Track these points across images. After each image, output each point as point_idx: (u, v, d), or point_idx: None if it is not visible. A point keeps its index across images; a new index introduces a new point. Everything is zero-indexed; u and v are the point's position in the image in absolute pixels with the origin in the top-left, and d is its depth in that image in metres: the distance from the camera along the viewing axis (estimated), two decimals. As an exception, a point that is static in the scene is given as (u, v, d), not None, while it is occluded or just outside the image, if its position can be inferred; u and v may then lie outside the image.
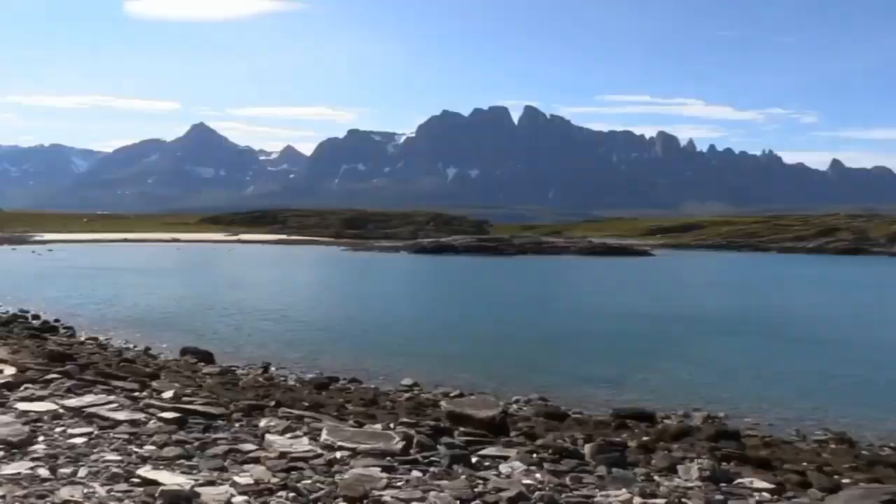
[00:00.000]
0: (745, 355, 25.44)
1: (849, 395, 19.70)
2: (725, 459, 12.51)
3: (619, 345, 27.09)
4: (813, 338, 30.01)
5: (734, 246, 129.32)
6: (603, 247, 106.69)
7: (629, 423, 15.63)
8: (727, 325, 33.60)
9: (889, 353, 26.42)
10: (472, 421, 11.80)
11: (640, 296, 47.54)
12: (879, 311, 40.61)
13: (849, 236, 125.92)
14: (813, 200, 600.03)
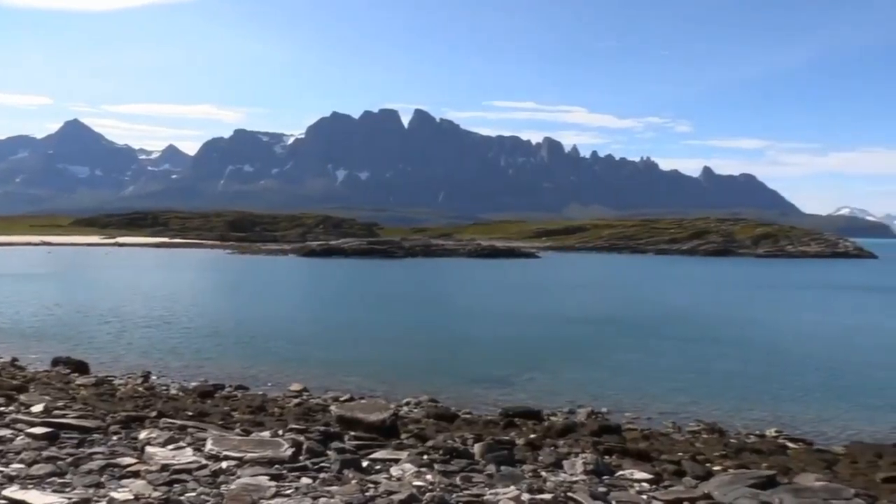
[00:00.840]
0: (627, 353, 26.55)
1: (719, 388, 20.95)
2: (608, 453, 13.02)
3: (507, 345, 27.67)
4: (689, 335, 31.73)
5: (615, 248, 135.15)
6: (491, 249, 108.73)
7: (517, 421, 15.99)
8: (611, 325, 34.98)
9: (755, 350, 28.28)
10: (363, 425, 11.73)
11: (527, 297, 48.73)
12: (748, 310, 43.38)
13: (718, 239, 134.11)
14: (686, 205, 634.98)
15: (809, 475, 12.10)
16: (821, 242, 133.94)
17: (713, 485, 10.66)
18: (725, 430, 16.38)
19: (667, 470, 12.10)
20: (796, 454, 14.60)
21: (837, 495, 10.05)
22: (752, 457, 14.00)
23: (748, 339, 30.98)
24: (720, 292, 56.03)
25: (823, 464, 13.75)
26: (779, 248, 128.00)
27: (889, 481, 12.65)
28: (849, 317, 41.19)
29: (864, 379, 22.62)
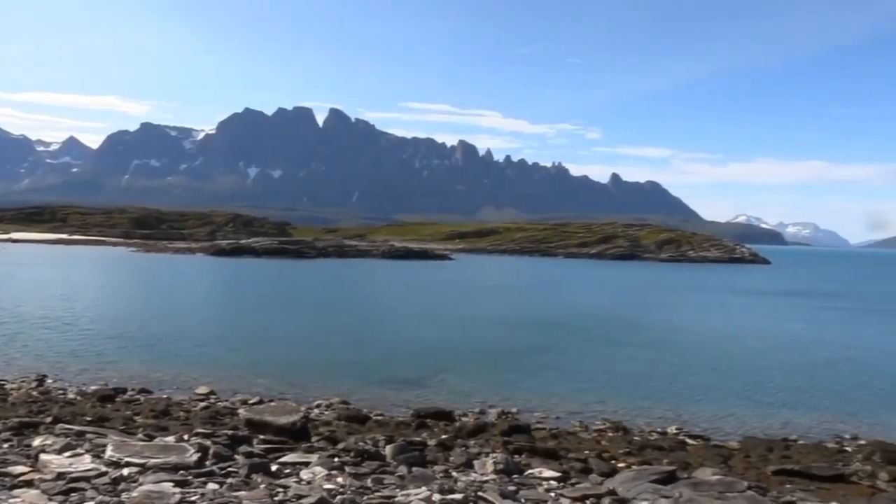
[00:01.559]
0: (538, 354, 27.09)
1: (625, 388, 21.66)
2: (518, 452, 13.25)
3: (420, 347, 27.74)
4: (597, 336, 32.67)
5: (527, 251, 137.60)
6: (405, 251, 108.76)
7: (429, 422, 16.06)
8: (523, 327, 35.61)
9: (660, 351, 29.38)
10: (272, 428, 11.54)
11: (440, 299, 49.01)
12: (654, 313, 45.01)
13: (625, 243, 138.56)
14: (595, 210, 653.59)
15: (707, 469, 12.68)
16: (720, 248, 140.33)
17: (618, 481, 11.02)
18: (630, 428, 16.96)
19: (574, 468, 12.42)
20: (695, 450, 15.26)
21: (732, 488, 10.57)
22: (655, 453, 14.54)
23: (653, 340, 32.15)
24: (628, 295, 57.91)
25: (720, 458, 14.43)
26: (681, 254, 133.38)
27: (778, 473, 13.40)
28: (745, 320, 43.32)
29: (757, 378, 23.85)
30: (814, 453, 15.34)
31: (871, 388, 23.36)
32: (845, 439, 16.90)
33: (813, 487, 12.65)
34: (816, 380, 24.16)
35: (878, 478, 13.39)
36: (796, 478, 13.20)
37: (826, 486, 12.84)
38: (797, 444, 16.21)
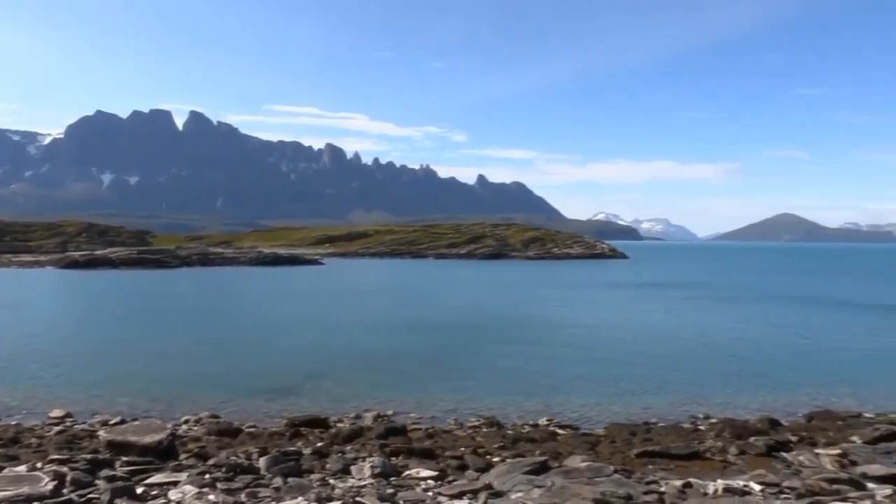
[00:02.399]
0: (412, 355, 27.24)
1: (497, 383, 22.18)
2: (394, 454, 13.28)
3: (292, 354, 27.19)
4: (470, 334, 33.20)
5: (397, 253, 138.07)
6: (274, 256, 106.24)
7: (303, 430, 15.79)
8: (396, 329, 35.67)
9: (530, 345, 30.31)
10: (136, 448, 10.96)
11: (311, 304, 48.25)
12: (525, 309, 46.33)
13: (493, 243, 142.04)
14: (463, 211, 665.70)
15: (576, 457, 13.24)
16: (581, 245, 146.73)
17: (493, 475, 11.28)
18: (503, 422, 17.40)
19: (450, 465, 12.60)
20: (565, 439, 15.89)
21: (600, 473, 11.08)
22: (528, 445, 15.01)
23: (525, 336, 33.11)
24: (499, 294, 59.32)
25: (588, 446, 15.10)
26: (546, 251, 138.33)
27: (641, 455, 14.21)
28: (610, 312, 45.45)
29: (621, 367, 25.13)
30: (672, 434, 16.36)
31: (722, 370, 25.18)
32: (699, 419, 18.13)
33: (672, 466, 13.50)
34: (673, 365, 25.75)
35: (728, 452, 14.50)
36: (657, 458, 14.05)
37: (684, 463, 13.75)
38: (657, 427, 17.22)
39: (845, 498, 10.20)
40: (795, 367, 26.04)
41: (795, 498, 10.38)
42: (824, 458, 13.56)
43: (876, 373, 25.15)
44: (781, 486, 11.14)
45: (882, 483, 11.45)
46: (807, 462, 13.33)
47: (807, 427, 17.33)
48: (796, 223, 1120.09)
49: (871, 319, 42.68)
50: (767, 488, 11.04)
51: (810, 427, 17.31)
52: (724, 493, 10.65)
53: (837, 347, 30.93)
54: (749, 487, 11.07)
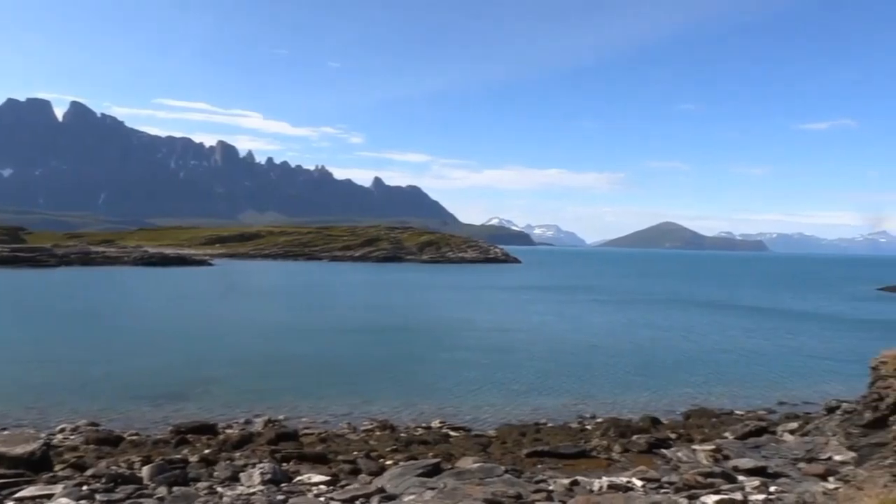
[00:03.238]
0: (305, 358, 26.80)
1: (390, 385, 22.11)
2: (286, 460, 13.04)
3: (179, 358, 26.18)
4: (366, 337, 33.03)
5: (291, 255, 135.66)
6: (160, 257, 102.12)
7: (190, 437, 15.25)
8: (289, 331, 34.99)
9: (425, 347, 30.45)
10: (5, 460, 10.27)
11: (196, 306, 46.68)
12: (422, 311, 46.51)
13: (388, 246, 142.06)
14: (359, 213, 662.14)
15: (468, 458, 13.42)
16: (476, 249, 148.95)
17: (386, 478, 11.28)
18: (396, 425, 17.42)
19: (343, 470, 12.50)
20: (457, 441, 16.07)
21: (491, 473, 11.29)
22: (421, 448, 15.09)
23: (421, 338, 33.25)
24: (395, 296, 59.32)
25: (480, 447, 15.33)
26: (441, 255, 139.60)
27: (531, 455, 14.56)
28: (504, 314, 46.31)
29: (512, 368, 25.65)
30: (561, 434, 16.86)
31: (609, 371, 26.16)
32: (586, 419, 18.77)
33: (560, 465, 13.92)
34: (564, 367, 26.53)
35: (613, 450, 15.08)
36: (546, 457, 14.44)
37: (571, 462, 14.20)
38: (546, 427, 17.70)
39: (718, 490, 10.83)
40: (676, 367, 27.40)
41: (674, 492, 10.93)
42: (700, 453, 14.34)
43: (747, 372, 26.82)
44: (661, 482, 11.71)
45: (750, 475, 12.25)
46: (684, 458, 14.05)
47: (685, 424, 18.28)
48: (678, 231, 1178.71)
49: (745, 322, 45.51)
50: (648, 484, 11.58)
51: (688, 424, 18.27)
52: (609, 489, 11.08)
53: (715, 349, 32.80)
54: (632, 484, 11.57)
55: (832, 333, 40.55)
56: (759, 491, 11.01)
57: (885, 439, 12.14)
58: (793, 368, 27.94)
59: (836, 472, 12.49)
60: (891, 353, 14.05)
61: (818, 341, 36.77)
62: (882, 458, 11.47)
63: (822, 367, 28.24)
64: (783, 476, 12.42)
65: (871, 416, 13.59)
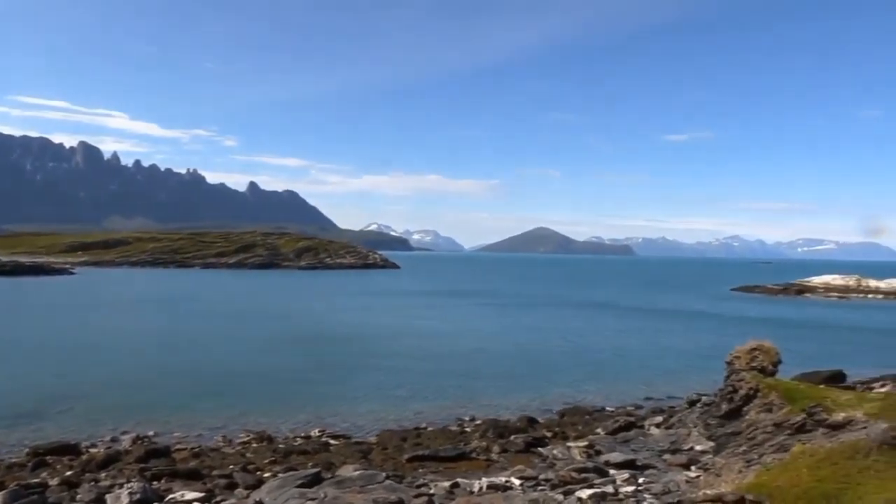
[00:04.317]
0: (175, 369, 25.64)
1: (265, 395, 21.62)
2: (156, 478, 12.45)
3: (35, 376, 24.36)
4: (236, 345, 32.00)
5: (160, 262, 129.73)
6: (14, 265, 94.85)
7: (50, 459, 14.25)
8: (154, 342, 33.39)
9: (308, 356, 29.87)
10: None
11: (57, 320, 43.67)
12: (300, 318, 45.56)
13: (264, 252, 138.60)
14: (233, 219, 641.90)
15: (349, 466, 13.31)
16: (355, 255, 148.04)
17: (264, 491, 11.00)
18: (274, 436, 17.01)
19: (219, 485, 12.08)
20: (338, 449, 15.90)
21: (372, 480, 11.25)
22: (300, 458, 14.82)
23: (296, 346, 32.47)
24: (272, 303, 57.82)
25: (360, 454, 15.25)
26: (319, 261, 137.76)
27: (412, 460, 14.63)
28: (384, 319, 46.15)
29: (392, 374, 25.65)
30: (441, 437, 17.04)
31: (488, 373, 26.68)
32: (466, 421, 19.06)
33: (441, 468, 14.07)
34: (444, 370, 26.82)
35: (492, 451, 15.41)
36: (427, 461, 14.55)
37: (452, 464, 14.38)
38: (427, 431, 17.83)
39: (591, 485, 11.29)
40: (553, 368, 28.32)
41: (550, 489, 11.29)
42: (574, 450, 14.90)
43: (618, 370, 28.14)
44: (538, 479, 12.08)
45: (621, 469, 12.87)
46: (560, 455, 14.55)
47: (560, 423, 18.93)
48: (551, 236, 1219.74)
49: (617, 322, 47.78)
50: (526, 482, 11.91)
51: (563, 423, 18.94)
52: (489, 490, 11.31)
53: (589, 348, 34.19)
54: (510, 483, 11.85)
55: (694, 331, 43.26)
56: (628, 483, 11.56)
57: (739, 428, 13.07)
58: (659, 365, 29.55)
59: (697, 461, 13.32)
60: (743, 349, 15.15)
61: (681, 339, 39.11)
62: (737, 445, 12.33)
63: (685, 363, 30.03)
64: (650, 468, 13.11)
65: (726, 407, 14.59)
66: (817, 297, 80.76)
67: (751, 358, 14.68)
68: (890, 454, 8.99)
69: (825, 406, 11.45)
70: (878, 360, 30.47)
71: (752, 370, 14.41)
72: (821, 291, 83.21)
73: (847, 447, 9.61)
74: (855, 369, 25.09)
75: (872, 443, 9.32)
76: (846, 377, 22.46)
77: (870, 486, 8.38)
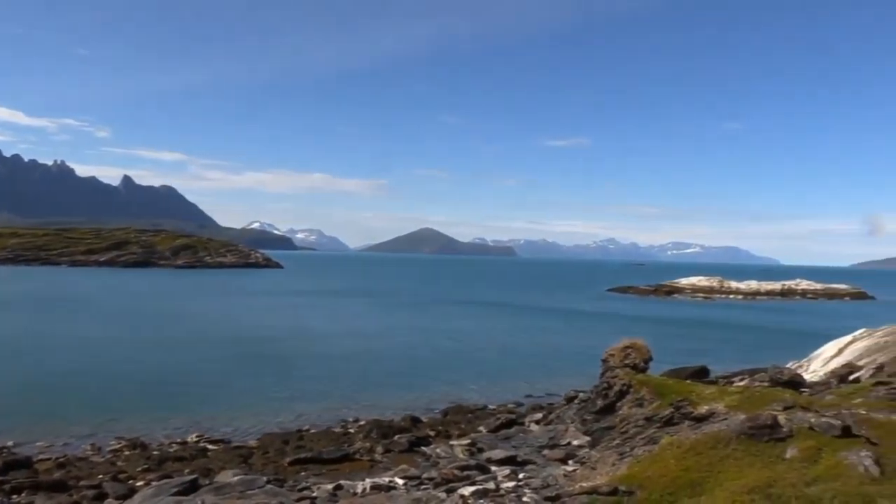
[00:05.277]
0: (38, 374, 24.01)
1: (140, 399, 20.62)
2: (16, 491, 11.66)
3: None
4: (107, 348, 30.33)
5: (23, 259, 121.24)
6: None
7: None
8: (12, 345, 31.18)
9: (184, 356, 28.70)
10: None
11: None
12: (178, 319, 43.69)
13: (139, 250, 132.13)
14: (105, 214, 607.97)
15: (228, 472, 12.92)
16: (236, 254, 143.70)
17: (136, 501, 10.52)
18: (148, 442, 16.26)
19: (86, 496, 11.47)
20: (216, 454, 15.41)
21: (252, 485, 10.98)
22: (176, 465, 14.25)
23: (173, 346, 31.18)
24: (146, 303, 55.18)
25: (240, 459, 14.84)
26: (198, 259, 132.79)
27: (294, 463, 14.40)
28: (267, 319, 45.02)
29: (274, 374, 25.06)
30: (324, 439, 16.85)
31: (373, 372, 26.60)
32: (349, 422, 18.93)
33: (324, 470, 13.92)
34: (328, 370, 26.51)
35: (376, 452, 15.40)
36: (310, 464, 14.36)
37: (335, 466, 14.26)
38: (310, 433, 17.58)
39: (474, 482, 11.50)
40: (438, 366, 28.59)
41: (433, 487, 11.41)
42: (457, 448, 15.12)
43: (500, 368, 28.77)
44: (422, 478, 12.18)
45: (502, 465, 13.18)
46: (443, 453, 14.72)
47: (443, 422, 19.15)
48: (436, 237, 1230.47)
49: (502, 321, 48.86)
50: (410, 481, 11.98)
51: (446, 421, 19.17)
52: (372, 490, 11.30)
53: (474, 347, 34.78)
54: (394, 483, 11.89)
55: (573, 329, 44.89)
56: (509, 479, 11.85)
57: (613, 423, 13.69)
58: (540, 363, 30.44)
59: (574, 455, 13.83)
60: (617, 347, 15.89)
61: (561, 337, 40.49)
62: (611, 439, 12.92)
63: (564, 361, 31.08)
64: (530, 463, 13.49)
65: (602, 402, 15.25)
66: (684, 297, 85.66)
67: (624, 356, 15.42)
68: (747, 443, 9.68)
69: (691, 400, 12.18)
70: (738, 355, 32.74)
71: (626, 367, 15.14)
72: (688, 292, 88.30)
73: (710, 438, 10.27)
74: (718, 364, 26.77)
75: (732, 433, 10.01)
76: (710, 372, 23.93)
77: (729, 473, 8.99)
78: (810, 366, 22.70)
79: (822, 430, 9.47)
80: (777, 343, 38.52)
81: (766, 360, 26.55)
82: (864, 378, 17.32)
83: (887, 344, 20.58)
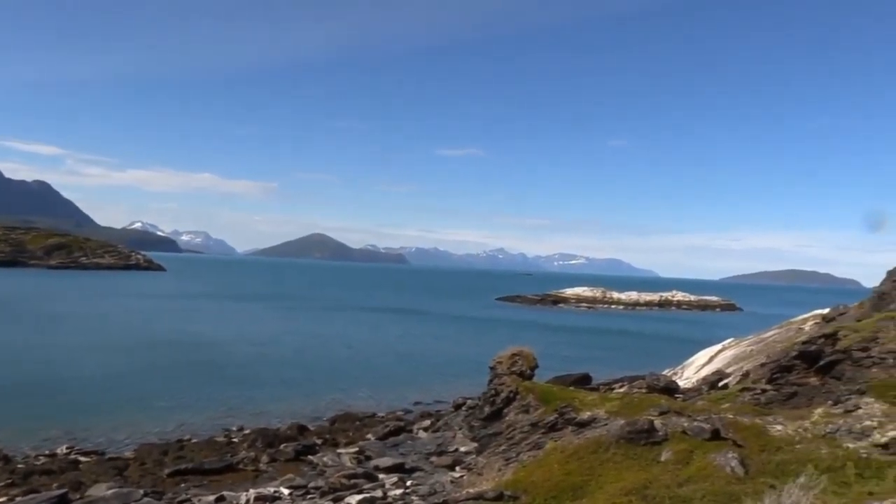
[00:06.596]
0: None
1: (5, 410, 19.23)
2: None
3: None
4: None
5: None
6: None
7: None
8: None
9: (56, 364, 26.99)
10: None
11: None
12: (45, 324, 41.03)
13: (6, 248, 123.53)
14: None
15: (102, 485, 12.27)
16: (115, 255, 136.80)
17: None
18: (12, 455, 15.18)
19: (-62, 514, 10.59)
20: (89, 467, 14.58)
21: (128, 499, 10.48)
22: (43, 479, 13.40)
23: (45, 354, 29.27)
24: (11, 306, 51.56)
25: (115, 471, 14.11)
26: (73, 260, 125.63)
27: (174, 475, 13.82)
28: (146, 324, 43.02)
29: (157, 383, 24.02)
30: (206, 449, 16.27)
31: (260, 380, 25.93)
32: (233, 431, 18.38)
33: (206, 481, 13.44)
34: (212, 377, 25.64)
35: (261, 461, 15.02)
36: (191, 475, 13.83)
37: (217, 477, 13.80)
38: (191, 444, 16.94)
39: (361, 490, 11.44)
40: (327, 373, 28.24)
41: (320, 496, 11.27)
42: (345, 456, 14.99)
43: (390, 375, 28.73)
44: (308, 487, 11.99)
45: (390, 472, 13.17)
46: (330, 462, 14.55)
47: (330, 429, 18.92)
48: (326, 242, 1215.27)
49: (395, 328, 48.79)
50: (296, 491, 11.77)
51: (333, 429, 18.95)
52: (256, 501, 11.02)
53: (365, 353, 34.55)
54: (279, 492, 11.65)
55: (463, 337, 45.42)
56: (397, 486, 11.86)
57: (500, 429, 13.96)
58: (430, 370, 30.64)
59: (461, 461, 14.01)
60: (505, 355, 16.24)
61: (452, 344, 40.89)
62: (497, 445, 13.16)
63: (454, 368, 31.41)
64: (418, 470, 13.56)
65: (489, 409, 15.53)
66: (570, 306, 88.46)
67: (511, 363, 15.78)
68: (626, 447, 10.11)
69: (574, 406, 12.60)
70: (619, 362, 34.10)
71: (513, 374, 15.49)
72: (573, 301, 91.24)
73: (591, 442, 10.65)
74: (599, 371, 27.80)
75: (612, 438, 10.43)
76: (592, 379, 24.83)
77: (609, 476, 9.37)
78: (684, 373, 24.01)
79: (694, 433, 10.02)
80: (655, 350, 40.40)
81: (644, 367, 27.81)
82: (731, 384, 18.48)
83: (752, 353, 22.06)
